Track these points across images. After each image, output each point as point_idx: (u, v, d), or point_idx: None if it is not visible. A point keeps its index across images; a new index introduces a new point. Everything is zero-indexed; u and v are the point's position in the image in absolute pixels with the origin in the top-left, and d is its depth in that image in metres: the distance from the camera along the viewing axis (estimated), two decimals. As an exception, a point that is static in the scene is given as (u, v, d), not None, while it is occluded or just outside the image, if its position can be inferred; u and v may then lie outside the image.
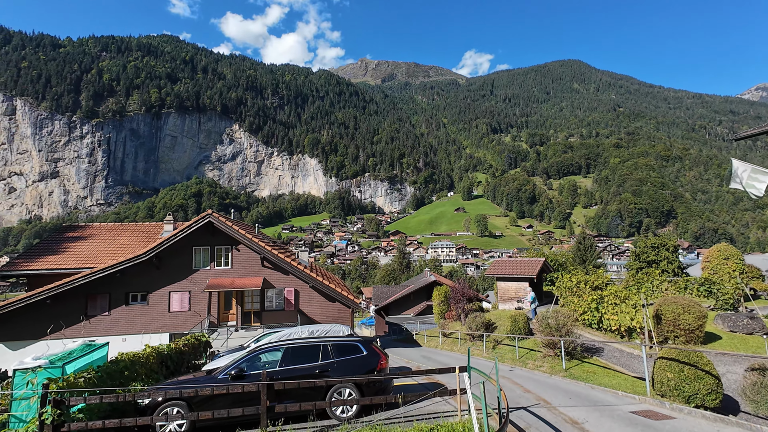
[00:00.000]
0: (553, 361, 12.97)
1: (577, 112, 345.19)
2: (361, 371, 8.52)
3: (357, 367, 8.57)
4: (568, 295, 17.95)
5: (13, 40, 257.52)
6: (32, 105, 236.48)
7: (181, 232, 21.07)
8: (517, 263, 23.44)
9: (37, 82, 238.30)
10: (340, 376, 8.37)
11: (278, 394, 7.94)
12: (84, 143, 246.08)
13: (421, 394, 7.54)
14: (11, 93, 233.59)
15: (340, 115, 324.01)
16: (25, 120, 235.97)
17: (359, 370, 8.53)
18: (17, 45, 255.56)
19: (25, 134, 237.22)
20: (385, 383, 8.56)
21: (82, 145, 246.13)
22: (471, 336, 19.29)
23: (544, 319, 13.28)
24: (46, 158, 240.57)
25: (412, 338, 30.12)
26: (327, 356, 8.62)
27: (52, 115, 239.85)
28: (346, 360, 8.63)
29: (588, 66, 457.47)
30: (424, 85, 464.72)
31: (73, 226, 28.00)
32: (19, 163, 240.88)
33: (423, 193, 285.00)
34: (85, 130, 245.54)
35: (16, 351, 19.71)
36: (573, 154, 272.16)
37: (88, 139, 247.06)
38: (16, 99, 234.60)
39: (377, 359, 8.75)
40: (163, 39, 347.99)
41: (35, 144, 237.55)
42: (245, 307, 22.05)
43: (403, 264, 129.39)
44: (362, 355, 8.76)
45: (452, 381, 8.99)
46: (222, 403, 7.70)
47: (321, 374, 8.37)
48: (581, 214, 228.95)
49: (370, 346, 8.91)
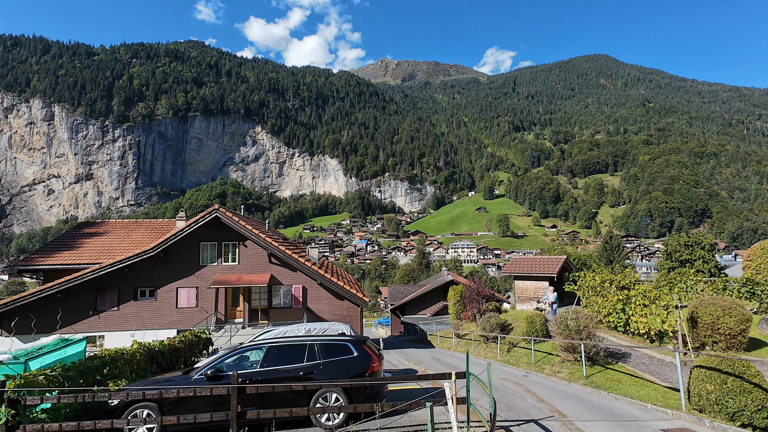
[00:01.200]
0: (573, 367, 11.76)
1: (604, 109, 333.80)
2: (349, 374, 7.68)
3: (345, 370, 7.73)
4: (591, 295, 16.57)
5: (51, 50, 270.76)
6: (69, 111, 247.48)
7: (188, 227, 20.83)
8: (537, 261, 22.08)
9: (73, 88, 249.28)
10: (327, 378, 7.55)
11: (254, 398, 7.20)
12: (116, 146, 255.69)
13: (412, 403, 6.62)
14: (50, 100, 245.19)
15: (360, 116, 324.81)
16: (62, 125, 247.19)
17: (348, 373, 7.69)
18: (55, 54, 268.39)
19: (62, 138, 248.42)
20: (377, 388, 7.68)
21: (114, 148, 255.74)
22: (485, 338, 18.16)
23: (563, 321, 12.08)
24: (82, 161, 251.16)
25: (426, 339, 29.10)
26: (313, 357, 7.81)
27: (86, 120, 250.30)
28: (333, 361, 7.81)
29: (615, 60, 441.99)
30: (445, 84, 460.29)
31: (89, 223, 28.40)
32: (57, 166, 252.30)
33: (443, 192, 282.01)
34: (116, 134, 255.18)
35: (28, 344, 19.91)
36: (599, 152, 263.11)
37: (120, 143, 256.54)
38: (54, 105, 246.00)
39: (369, 361, 7.89)
40: (189, 45, 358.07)
41: (71, 148, 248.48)
42: (252, 304, 21.62)
43: (422, 264, 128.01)
44: (352, 357, 7.92)
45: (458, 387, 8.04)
46: (197, 405, 7.04)
47: (305, 377, 7.58)
48: (608, 213, 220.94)
49: (361, 347, 8.05)
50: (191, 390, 6.32)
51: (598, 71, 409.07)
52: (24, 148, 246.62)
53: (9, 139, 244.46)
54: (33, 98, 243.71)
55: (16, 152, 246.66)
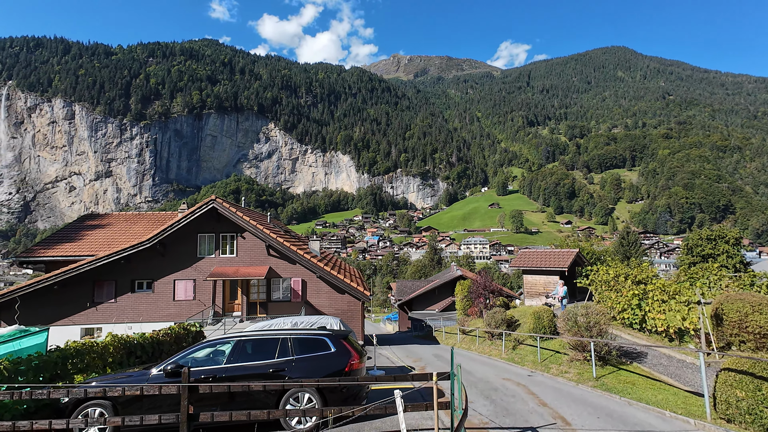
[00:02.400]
0: (582, 367, 10.75)
1: (622, 102, 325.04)
2: (325, 372, 6.89)
3: (320, 367, 6.95)
4: (605, 290, 15.45)
5: (72, 50, 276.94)
6: (88, 109, 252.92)
7: (185, 218, 20.35)
8: (547, 254, 20.94)
9: (93, 88, 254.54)
10: (299, 377, 6.78)
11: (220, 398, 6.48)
12: (133, 144, 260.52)
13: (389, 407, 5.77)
14: (71, 99, 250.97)
15: (372, 112, 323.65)
16: (82, 124, 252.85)
17: (322, 371, 6.90)
18: (75, 54, 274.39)
19: (82, 137, 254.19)
20: (356, 389, 6.87)
21: (132, 146, 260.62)
22: (490, 334, 17.18)
23: (572, 317, 11.07)
24: (101, 159, 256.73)
25: (431, 335, 28.22)
26: (285, 353, 7.05)
27: (105, 118, 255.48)
28: (308, 358, 7.03)
29: (634, 52, 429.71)
30: (458, 79, 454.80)
31: (92, 215, 28.31)
32: (77, 164, 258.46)
33: (456, 188, 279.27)
34: (134, 132, 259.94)
35: (28, 336, 19.80)
36: (616, 146, 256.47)
37: (137, 141, 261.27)
38: (74, 104, 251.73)
39: (347, 358, 7.08)
40: (204, 43, 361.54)
41: (91, 146, 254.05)
42: (251, 298, 21.08)
43: (434, 260, 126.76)
44: (329, 353, 7.12)
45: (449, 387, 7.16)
46: (161, 404, 6.37)
47: (275, 374, 6.82)
48: (625, 209, 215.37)
49: (339, 342, 7.25)
50: (137, 388, 5.60)
51: (615, 63, 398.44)
52: (47, 146, 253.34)
53: (33, 138, 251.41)
54: (55, 98, 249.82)
55: (39, 150, 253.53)
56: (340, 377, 6.87)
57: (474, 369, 12.51)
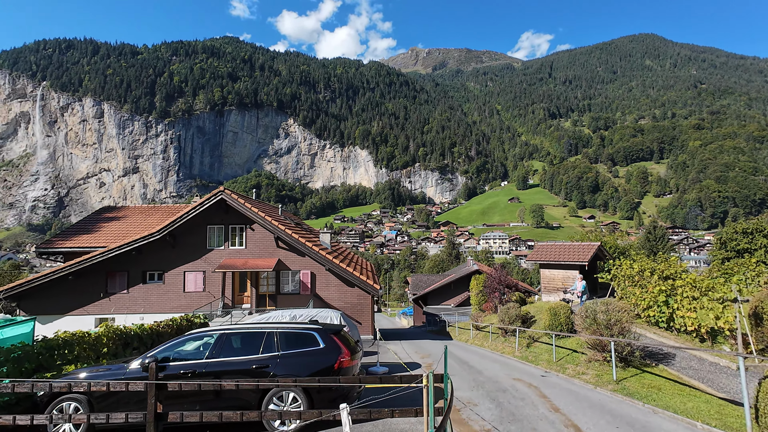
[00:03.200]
0: (601, 368, 9.88)
1: (650, 92, 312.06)
2: (311, 369, 6.37)
3: (307, 364, 6.43)
4: (628, 286, 14.38)
5: (100, 51, 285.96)
6: (116, 108, 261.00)
7: (193, 210, 20.27)
8: (566, 248, 19.86)
9: (120, 87, 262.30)
10: (285, 374, 6.28)
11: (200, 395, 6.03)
12: (159, 141, 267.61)
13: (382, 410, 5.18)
14: (100, 98, 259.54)
15: (391, 106, 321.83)
16: (111, 122, 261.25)
17: (309, 368, 6.38)
18: (104, 54, 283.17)
19: (111, 134, 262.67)
20: (346, 389, 6.31)
21: (157, 142, 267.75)
22: (504, 330, 16.37)
23: (591, 313, 10.19)
24: (128, 155, 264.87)
25: (444, 330, 27.51)
26: (270, 348, 6.55)
27: (132, 116, 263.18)
28: (294, 354, 6.52)
29: (663, 39, 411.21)
30: (477, 72, 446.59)
31: (110, 208, 28.75)
32: (107, 161, 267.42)
33: (475, 182, 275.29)
34: (159, 129, 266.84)
35: (45, 325, 20.16)
36: (643, 138, 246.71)
37: (162, 137, 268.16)
38: (103, 103, 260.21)
39: (336, 355, 6.53)
40: (225, 41, 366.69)
41: (119, 143, 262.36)
42: (260, 290, 20.88)
43: (452, 255, 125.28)
44: (317, 349, 6.59)
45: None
46: (134, 400, 5.99)
47: (258, 371, 6.34)
48: (652, 203, 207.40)
49: (329, 338, 6.70)
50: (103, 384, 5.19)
51: (643, 52, 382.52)
52: (78, 144, 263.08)
53: (65, 136, 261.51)
54: (85, 97, 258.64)
55: (71, 148, 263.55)
56: (329, 375, 6.35)
57: (484, 367, 11.80)
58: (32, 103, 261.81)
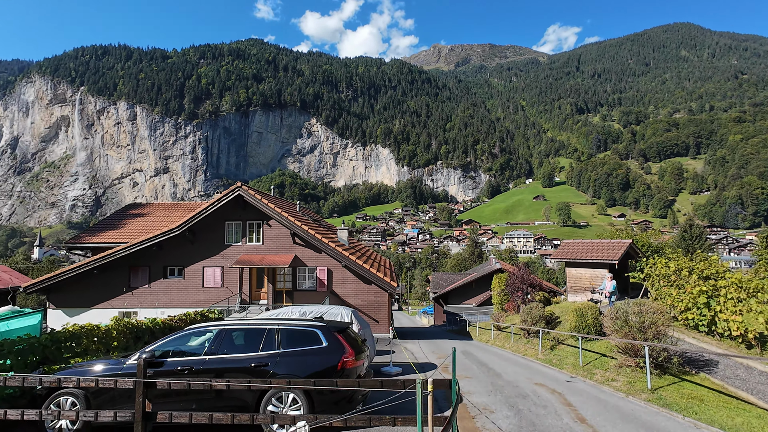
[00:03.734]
0: (633, 375, 9.05)
1: (685, 84, 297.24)
2: (312, 369, 5.97)
3: (308, 363, 6.03)
4: (663, 286, 13.34)
5: (133, 56, 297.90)
6: (148, 110, 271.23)
7: (211, 206, 20.39)
8: (594, 245, 18.76)
9: (151, 90, 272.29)
10: (285, 373, 5.91)
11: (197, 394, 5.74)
12: (187, 142, 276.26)
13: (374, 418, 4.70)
14: (132, 101, 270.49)
15: (412, 104, 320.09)
16: (143, 124, 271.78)
17: (310, 368, 5.98)
18: (136, 59, 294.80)
19: (143, 136, 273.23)
20: (350, 391, 5.88)
21: (186, 143, 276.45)
22: (526, 331, 15.56)
23: (622, 314, 9.37)
24: (159, 156, 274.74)
25: (465, 330, 26.75)
26: (271, 345, 6.20)
27: (162, 118, 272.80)
28: (295, 353, 6.13)
29: (700, 28, 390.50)
30: (501, 67, 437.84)
31: (135, 205, 29.51)
32: (139, 161, 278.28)
33: (498, 180, 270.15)
34: (188, 131, 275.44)
35: (72, 318, 20.80)
36: (678, 133, 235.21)
37: (191, 138, 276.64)
38: (136, 106, 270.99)
39: (340, 354, 6.10)
40: (250, 43, 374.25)
41: (151, 144, 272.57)
42: (277, 286, 20.80)
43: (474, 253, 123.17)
44: (320, 348, 6.18)
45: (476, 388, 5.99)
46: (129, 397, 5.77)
47: (257, 369, 5.99)
48: (688, 201, 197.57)
49: (333, 336, 6.28)
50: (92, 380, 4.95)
51: (679, 42, 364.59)
52: (113, 145, 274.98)
53: (102, 138, 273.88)
54: (119, 101, 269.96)
55: (107, 150, 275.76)
56: (331, 375, 5.94)
57: (504, 370, 11.13)
58: (71, 107, 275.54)
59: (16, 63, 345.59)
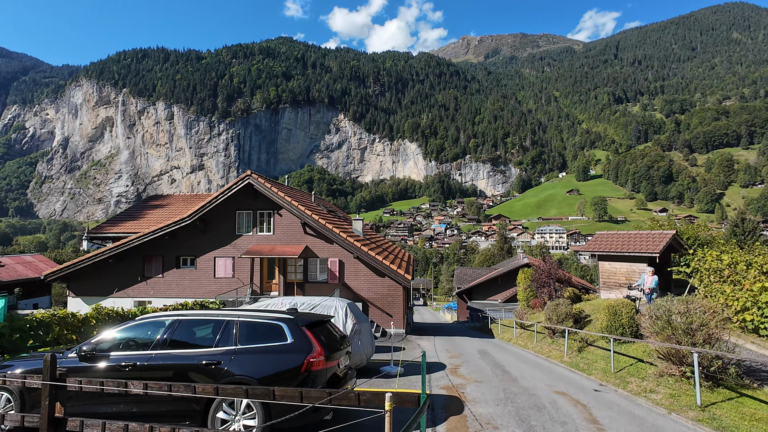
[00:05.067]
0: (677, 387, 7.51)
1: (737, 69, 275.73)
2: (272, 369, 4.99)
3: (266, 364, 5.06)
4: (715, 282, 11.50)
5: (170, 58, 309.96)
6: (184, 110, 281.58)
7: (221, 195, 19.95)
8: (632, 237, 16.83)
9: (187, 90, 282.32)
10: (239, 373, 4.96)
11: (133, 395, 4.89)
12: (221, 140, 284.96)
13: None
14: (170, 101, 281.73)
15: (440, 97, 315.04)
16: (180, 123, 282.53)
17: (269, 368, 5.00)
18: (173, 61, 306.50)
19: (180, 135, 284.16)
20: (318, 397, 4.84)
21: (220, 141, 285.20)
22: (551, 331, 14.04)
23: (663, 314, 7.84)
24: (195, 154, 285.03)
25: (487, 327, 25.24)
26: (228, 340, 5.26)
27: (197, 117, 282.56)
28: (253, 350, 5.16)
29: (756, 8, 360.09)
30: (533, 57, 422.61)
31: (156, 196, 29.83)
32: (177, 159, 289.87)
33: (530, 174, 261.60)
34: (221, 129, 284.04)
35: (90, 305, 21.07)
36: (729, 121, 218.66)
37: (224, 136, 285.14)
38: (173, 106, 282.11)
39: (306, 354, 5.07)
40: (279, 41, 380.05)
41: (187, 142, 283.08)
42: (288, 277, 20.16)
43: (503, 249, 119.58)
44: (282, 345, 5.18)
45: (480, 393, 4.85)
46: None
47: (208, 368, 5.07)
48: (738, 195, 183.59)
49: (300, 331, 5.26)
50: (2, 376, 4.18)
51: (730, 23, 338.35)
52: (153, 144, 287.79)
53: (142, 137, 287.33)
54: (158, 101, 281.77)
55: (147, 148, 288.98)
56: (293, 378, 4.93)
57: (521, 374, 9.79)
58: (115, 108, 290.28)
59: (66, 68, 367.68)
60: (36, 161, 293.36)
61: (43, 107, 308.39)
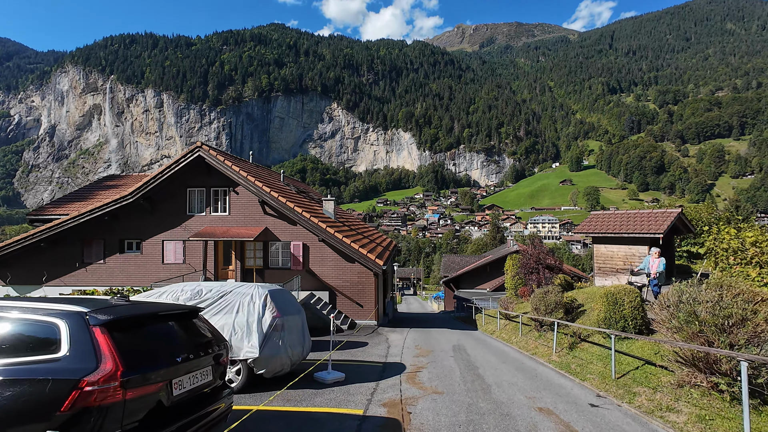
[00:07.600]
0: (707, 403, 5.42)
1: (730, 59, 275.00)
2: (27, 402, 2.74)
3: (18, 394, 2.79)
4: (735, 264, 9.45)
5: (159, 44, 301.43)
6: (174, 98, 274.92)
7: (168, 169, 17.51)
8: (631, 216, 14.80)
9: (177, 77, 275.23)
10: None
11: None
12: (212, 128, 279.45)
13: None
14: (159, 89, 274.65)
15: (435, 87, 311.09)
16: (169, 111, 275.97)
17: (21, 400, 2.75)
18: (162, 47, 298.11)
19: (170, 123, 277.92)
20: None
21: (211, 129, 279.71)
22: (538, 323, 11.98)
23: (687, 302, 5.75)
24: (185, 142, 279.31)
25: (471, 318, 23.29)
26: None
27: (188, 105, 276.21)
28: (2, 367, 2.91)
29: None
30: (528, 47, 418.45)
31: (112, 176, 27.27)
32: (167, 147, 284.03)
33: (523, 164, 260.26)
34: (212, 117, 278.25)
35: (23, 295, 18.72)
36: (721, 112, 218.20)
37: (215, 125, 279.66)
38: (162, 93, 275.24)
39: (82, 373, 2.82)
40: (271, 28, 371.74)
41: (177, 131, 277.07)
42: (246, 263, 17.89)
43: (496, 238, 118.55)
44: (50, 359, 2.93)
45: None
46: None
47: None
48: (729, 185, 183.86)
49: (85, 335, 2.98)
50: None
51: (724, 14, 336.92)
52: (142, 132, 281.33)
53: (131, 126, 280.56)
54: (147, 88, 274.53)
55: (137, 137, 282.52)
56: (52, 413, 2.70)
57: (498, 380, 7.69)
58: (103, 95, 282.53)
59: (51, 54, 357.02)
60: (22, 149, 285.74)
61: (28, 94, 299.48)
